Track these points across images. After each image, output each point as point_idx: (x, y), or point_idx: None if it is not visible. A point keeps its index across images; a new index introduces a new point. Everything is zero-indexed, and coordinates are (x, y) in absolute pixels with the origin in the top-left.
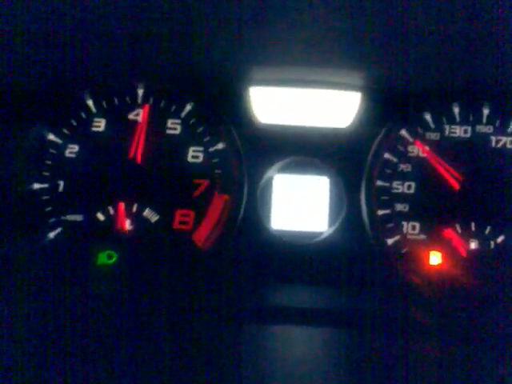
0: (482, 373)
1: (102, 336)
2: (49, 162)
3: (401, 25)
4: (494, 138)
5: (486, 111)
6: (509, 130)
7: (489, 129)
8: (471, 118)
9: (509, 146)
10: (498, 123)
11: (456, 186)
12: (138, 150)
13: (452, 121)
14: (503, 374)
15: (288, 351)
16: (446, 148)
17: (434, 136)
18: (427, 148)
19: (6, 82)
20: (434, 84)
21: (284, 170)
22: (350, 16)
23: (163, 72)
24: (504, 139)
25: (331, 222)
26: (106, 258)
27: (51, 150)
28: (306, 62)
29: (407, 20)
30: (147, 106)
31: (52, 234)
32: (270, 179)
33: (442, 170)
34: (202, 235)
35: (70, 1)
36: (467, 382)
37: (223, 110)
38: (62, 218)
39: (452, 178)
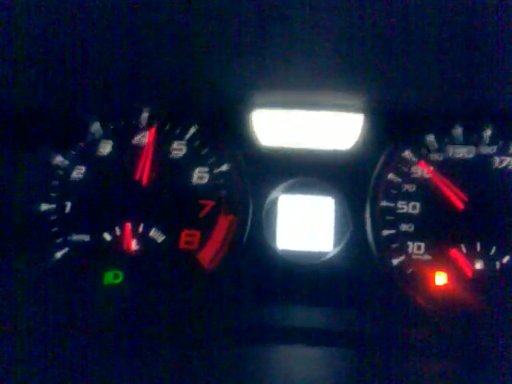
0: None
1: (109, 355)
2: (56, 184)
3: (402, 47)
4: (497, 159)
5: (488, 132)
6: (510, 150)
7: (492, 149)
8: (474, 139)
9: (511, 166)
10: (500, 143)
11: (460, 206)
12: (144, 171)
13: (455, 142)
14: None
15: (292, 371)
16: (450, 169)
17: (437, 157)
18: (431, 168)
19: (14, 104)
20: (437, 105)
21: (289, 190)
22: (352, 39)
23: (168, 96)
24: (508, 159)
25: (336, 242)
26: (112, 277)
27: (58, 172)
28: (308, 85)
29: (408, 42)
30: (153, 129)
31: (59, 254)
32: (275, 200)
33: (446, 190)
34: (208, 255)
35: (76, 26)
36: None
37: (227, 133)
38: (69, 238)
39: (456, 198)
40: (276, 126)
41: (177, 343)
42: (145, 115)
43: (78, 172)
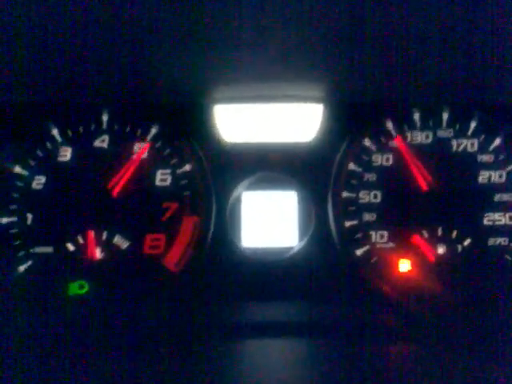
0: (453, 378)
1: (77, 365)
2: (16, 196)
3: (358, 36)
4: (454, 142)
5: (445, 115)
6: (469, 133)
7: (449, 133)
8: (432, 124)
9: (469, 149)
10: (457, 127)
11: (424, 186)
12: (119, 183)
13: (413, 127)
14: (472, 375)
15: (264, 364)
16: (410, 154)
17: (395, 144)
18: (404, 145)
19: None
20: (394, 92)
21: (251, 187)
22: (309, 30)
23: (126, 95)
24: (465, 142)
25: (301, 236)
26: (77, 288)
27: (18, 183)
28: (267, 77)
29: (364, 31)
30: (147, 145)
31: (22, 268)
32: (239, 197)
33: (414, 170)
34: (174, 258)
35: (25, 25)
36: None
37: (188, 130)
38: (32, 250)
39: (422, 179)
40: (238, 122)
41: (146, 348)
42: (104, 118)
43: (38, 182)
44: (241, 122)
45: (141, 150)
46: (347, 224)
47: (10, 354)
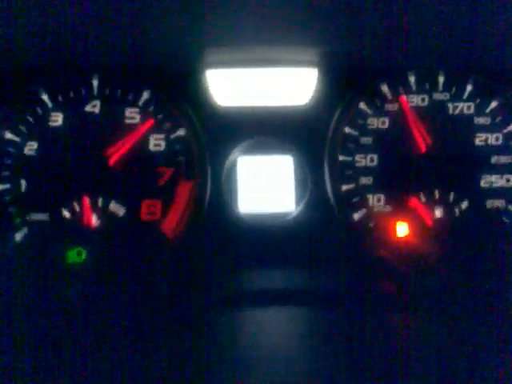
0: (453, 344)
1: (77, 335)
2: (8, 162)
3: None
4: (450, 105)
5: (441, 79)
6: (464, 96)
7: (445, 96)
8: (427, 87)
9: (466, 111)
10: (453, 90)
11: (423, 148)
12: (117, 153)
13: (409, 90)
14: (473, 344)
15: (265, 333)
16: (405, 118)
17: (391, 107)
18: (409, 106)
19: None
20: (389, 55)
21: (247, 151)
22: None
23: (117, 60)
24: (461, 105)
25: (298, 201)
26: (75, 255)
27: (10, 149)
28: (260, 40)
29: None
30: (151, 121)
31: (18, 236)
32: (234, 162)
33: (415, 131)
34: (171, 224)
35: None
36: (440, 355)
37: (181, 95)
38: (27, 218)
39: (422, 141)
40: (231, 86)
41: (146, 316)
42: (94, 83)
43: (30, 148)
44: (234, 86)
45: (145, 124)
46: (344, 188)
47: (9, 326)
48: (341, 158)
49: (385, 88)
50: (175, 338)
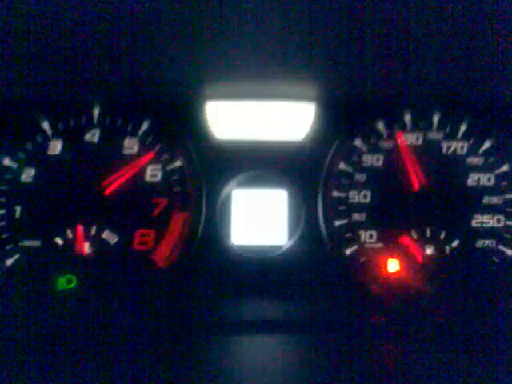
0: (441, 373)
1: (65, 361)
2: (4, 188)
3: (351, 36)
4: (444, 144)
5: (436, 117)
6: (459, 135)
7: (439, 135)
8: (422, 125)
9: (459, 151)
10: (448, 129)
11: (417, 186)
12: (114, 183)
13: (404, 128)
14: (460, 374)
15: (253, 361)
16: (400, 155)
17: (386, 145)
18: (405, 143)
19: None
20: (386, 92)
21: (242, 184)
22: (302, 28)
23: (118, 89)
24: (455, 144)
25: (290, 234)
26: (65, 282)
27: (7, 176)
28: (260, 74)
29: (357, 31)
30: (152, 153)
31: (9, 261)
32: (229, 195)
33: (410, 170)
34: (163, 254)
35: (20, 23)
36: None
37: (180, 126)
38: (20, 244)
39: (415, 179)
40: (229, 119)
41: (135, 344)
42: (95, 112)
43: (28, 174)
44: (232, 119)
45: (144, 157)
46: (337, 223)
47: None
48: (334, 193)
49: (381, 125)
50: (164, 366)
